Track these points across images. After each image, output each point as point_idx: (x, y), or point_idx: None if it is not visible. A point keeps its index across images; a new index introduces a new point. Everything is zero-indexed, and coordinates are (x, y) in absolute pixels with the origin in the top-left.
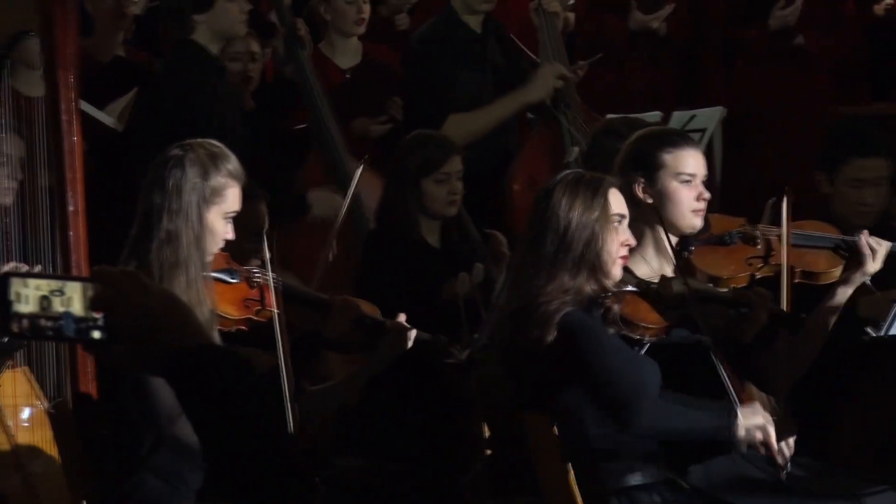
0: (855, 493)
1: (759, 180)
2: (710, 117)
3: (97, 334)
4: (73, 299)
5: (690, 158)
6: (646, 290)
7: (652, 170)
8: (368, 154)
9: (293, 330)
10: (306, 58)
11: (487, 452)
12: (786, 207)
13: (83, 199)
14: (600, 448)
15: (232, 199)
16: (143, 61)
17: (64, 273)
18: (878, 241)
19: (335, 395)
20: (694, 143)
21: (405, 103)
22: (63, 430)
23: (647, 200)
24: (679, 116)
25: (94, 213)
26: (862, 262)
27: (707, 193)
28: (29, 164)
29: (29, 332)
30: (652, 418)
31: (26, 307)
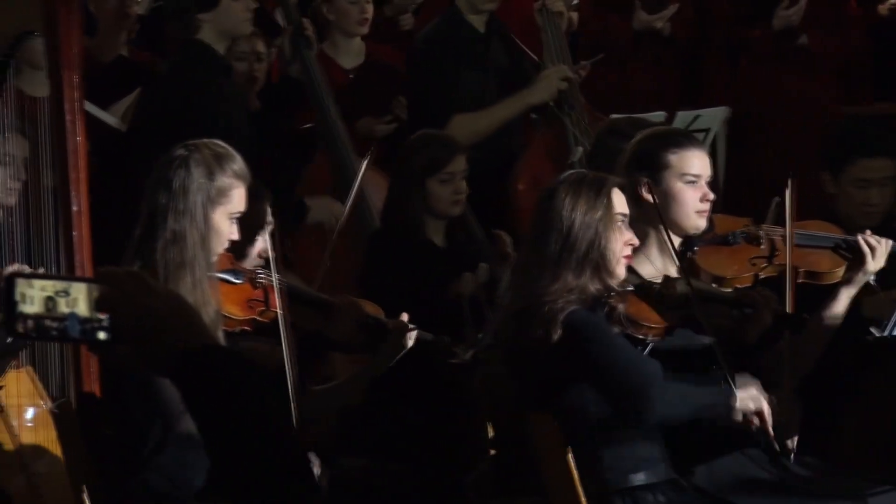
0: (859, 493)
1: (761, 180)
2: (714, 117)
3: (102, 335)
4: (78, 300)
5: (695, 159)
6: (649, 290)
7: (657, 170)
8: (374, 147)
9: (297, 331)
10: (313, 57)
11: (491, 452)
12: (789, 198)
13: (87, 199)
14: (604, 447)
15: (237, 199)
16: (146, 61)
17: (67, 273)
18: (878, 238)
19: (339, 395)
20: (699, 144)
21: (409, 103)
22: (67, 430)
23: (652, 201)
24: (683, 116)
25: (98, 213)
26: (863, 260)
27: (711, 194)
28: (33, 164)
29: (34, 332)
30: (662, 406)
31: (31, 308)
